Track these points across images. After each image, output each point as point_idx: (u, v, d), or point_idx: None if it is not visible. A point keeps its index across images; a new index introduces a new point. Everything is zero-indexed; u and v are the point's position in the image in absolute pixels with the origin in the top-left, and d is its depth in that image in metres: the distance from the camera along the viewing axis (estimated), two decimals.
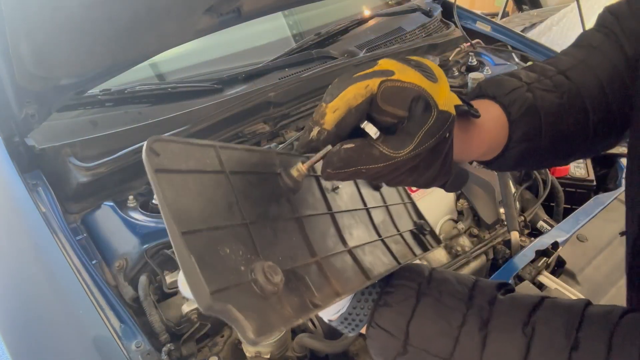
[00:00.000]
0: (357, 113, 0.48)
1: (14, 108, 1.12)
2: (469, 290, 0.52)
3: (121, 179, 1.20)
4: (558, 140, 0.64)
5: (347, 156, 0.48)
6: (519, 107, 0.61)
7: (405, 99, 0.48)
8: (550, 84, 0.64)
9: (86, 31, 1.07)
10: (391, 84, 0.48)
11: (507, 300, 0.51)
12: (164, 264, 1.06)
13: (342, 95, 0.48)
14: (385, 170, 0.49)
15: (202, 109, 1.33)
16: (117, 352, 0.84)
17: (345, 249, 0.57)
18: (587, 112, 0.64)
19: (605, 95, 0.64)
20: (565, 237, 1.07)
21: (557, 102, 0.63)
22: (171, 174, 0.43)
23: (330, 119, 0.48)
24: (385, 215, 0.70)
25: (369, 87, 0.48)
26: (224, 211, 0.45)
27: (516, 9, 3.44)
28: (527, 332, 0.47)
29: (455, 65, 1.77)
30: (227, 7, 1.26)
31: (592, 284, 0.99)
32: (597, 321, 0.47)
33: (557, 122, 0.63)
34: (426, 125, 0.48)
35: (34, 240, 1.05)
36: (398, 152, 0.48)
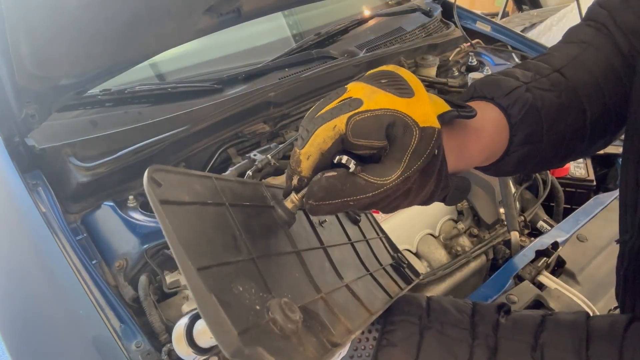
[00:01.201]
0: (330, 155, 0.46)
1: (14, 108, 1.12)
2: (469, 317, 0.50)
3: (121, 179, 1.20)
4: (557, 141, 0.62)
5: (329, 185, 0.46)
6: (520, 109, 0.58)
7: (380, 128, 0.45)
8: (548, 82, 0.62)
9: (86, 31, 1.07)
10: (360, 116, 0.45)
11: (510, 324, 0.49)
12: (164, 264, 1.06)
13: (311, 140, 0.46)
14: (376, 199, 0.46)
15: (202, 109, 1.33)
16: (117, 352, 0.84)
17: (342, 284, 0.54)
18: (584, 111, 0.62)
19: (601, 92, 0.62)
20: (565, 237, 1.07)
21: (557, 101, 0.61)
22: (174, 206, 0.40)
23: (306, 166, 0.47)
24: (367, 250, 0.67)
25: (337, 128, 0.45)
26: (230, 245, 0.43)
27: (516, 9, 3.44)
28: (537, 357, 0.46)
29: (455, 65, 1.77)
30: (227, 7, 1.26)
31: (592, 284, 0.99)
32: (604, 336, 0.46)
33: (557, 122, 0.61)
34: (410, 147, 0.45)
35: (34, 240, 1.05)
36: (385, 180, 0.45)
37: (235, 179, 0.52)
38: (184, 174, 0.45)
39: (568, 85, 0.62)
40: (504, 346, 0.48)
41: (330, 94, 0.48)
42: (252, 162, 1.21)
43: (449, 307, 0.51)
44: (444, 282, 1.08)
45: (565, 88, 0.62)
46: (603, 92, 0.63)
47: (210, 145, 1.32)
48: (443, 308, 0.51)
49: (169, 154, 1.26)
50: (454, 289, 1.10)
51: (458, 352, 0.48)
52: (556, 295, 0.96)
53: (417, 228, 1.15)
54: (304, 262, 0.51)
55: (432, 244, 1.14)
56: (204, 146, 1.31)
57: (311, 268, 0.51)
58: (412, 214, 1.12)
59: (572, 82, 0.62)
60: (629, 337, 0.45)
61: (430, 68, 1.66)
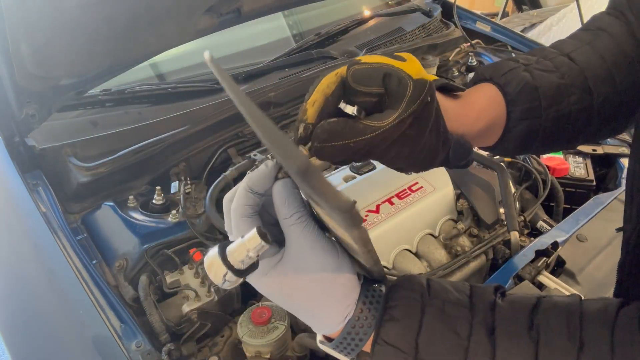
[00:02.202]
0: (333, 99, 0.51)
1: (14, 108, 1.12)
2: (468, 297, 0.51)
3: (121, 179, 1.21)
4: (560, 121, 0.64)
5: (331, 128, 0.50)
6: (515, 86, 0.62)
7: (377, 76, 0.51)
8: (550, 64, 0.65)
9: (86, 31, 1.07)
10: (359, 66, 0.51)
11: (507, 305, 0.50)
12: (164, 264, 1.06)
13: (317, 88, 0.51)
14: (374, 141, 0.50)
15: (202, 109, 1.33)
16: (117, 352, 0.84)
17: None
18: (590, 92, 0.64)
19: (611, 76, 0.64)
20: (565, 237, 1.07)
21: (557, 81, 0.63)
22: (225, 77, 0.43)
23: (311, 112, 0.51)
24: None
25: (339, 73, 0.51)
26: None
27: (516, 9, 3.44)
28: (533, 336, 0.47)
29: (455, 65, 1.77)
30: (227, 7, 1.26)
31: (592, 284, 0.99)
32: (597, 319, 0.47)
33: (557, 100, 0.63)
34: (406, 95, 0.50)
35: (34, 240, 1.05)
36: (382, 122, 0.50)
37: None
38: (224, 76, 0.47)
39: (573, 67, 0.64)
40: (502, 325, 0.49)
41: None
42: (252, 162, 1.21)
43: (449, 287, 0.53)
44: None
45: (570, 69, 0.64)
46: (613, 75, 0.64)
47: (211, 145, 1.32)
48: (443, 287, 0.52)
49: (169, 154, 1.26)
50: None
51: (458, 329, 0.49)
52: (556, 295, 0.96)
53: (417, 228, 1.15)
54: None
55: (432, 244, 1.14)
56: (204, 146, 1.31)
57: None
58: (412, 214, 1.12)
59: (580, 65, 0.65)
60: (620, 321, 0.46)
61: (430, 68, 1.66)
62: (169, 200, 1.19)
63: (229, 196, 0.51)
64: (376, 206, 1.11)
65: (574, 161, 1.40)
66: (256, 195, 0.49)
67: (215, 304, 0.99)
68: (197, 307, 0.97)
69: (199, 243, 1.09)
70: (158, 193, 1.17)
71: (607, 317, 0.47)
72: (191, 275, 1.03)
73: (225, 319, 1.03)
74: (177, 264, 1.05)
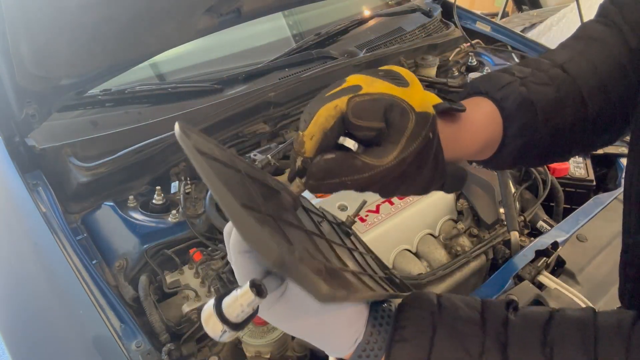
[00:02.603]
0: (332, 134, 0.48)
1: (14, 108, 1.12)
2: (479, 313, 0.50)
3: (121, 179, 1.21)
4: (556, 134, 0.63)
5: (328, 167, 0.48)
6: (512, 102, 0.60)
7: (378, 110, 0.48)
8: (546, 77, 0.63)
9: (86, 31, 1.07)
10: (359, 98, 0.48)
11: (519, 320, 0.49)
12: (164, 264, 1.06)
13: (314, 120, 0.48)
14: (373, 180, 0.48)
15: (202, 109, 1.33)
16: (117, 352, 0.84)
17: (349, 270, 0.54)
18: (585, 104, 0.63)
19: (605, 86, 0.63)
20: (565, 237, 1.07)
21: (553, 95, 0.62)
22: (204, 157, 0.42)
23: (309, 146, 0.48)
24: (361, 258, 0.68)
25: (338, 107, 0.48)
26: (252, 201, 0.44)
27: (516, 9, 3.44)
28: (547, 352, 0.46)
29: (455, 66, 1.77)
30: (227, 7, 1.26)
31: (592, 284, 0.99)
32: (612, 333, 0.46)
33: (553, 115, 0.62)
34: (407, 130, 0.48)
35: (34, 240, 1.05)
36: (381, 161, 0.48)
37: (246, 161, 0.54)
38: (205, 139, 0.46)
39: (567, 79, 0.63)
40: (514, 341, 0.48)
41: (330, 85, 0.51)
42: (252, 162, 1.21)
43: (459, 303, 0.51)
44: (444, 282, 1.08)
45: (564, 82, 0.63)
46: (606, 86, 0.63)
47: None
48: (453, 304, 0.51)
49: (169, 154, 1.26)
50: (454, 289, 1.10)
51: (470, 347, 0.48)
52: (556, 295, 0.96)
53: (417, 228, 1.15)
54: (313, 241, 0.52)
55: (432, 244, 1.14)
56: None
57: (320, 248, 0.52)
58: (412, 214, 1.12)
59: (573, 76, 0.63)
60: (635, 335, 0.46)
61: (430, 68, 1.66)
62: (169, 200, 1.19)
63: (227, 229, 0.50)
64: (376, 206, 1.11)
65: (574, 161, 1.40)
66: None
67: None
68: (197, 307, 0.97)
69: (199, 243, 1.09)
70: (158, 193, 1.17)
71: (621, 331, 0.46)
72: (191, 275, 1.03)
73: None
74: (177, 264, 1.05)
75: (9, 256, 1.08)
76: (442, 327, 0.49)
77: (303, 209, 0.60)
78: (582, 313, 0.49)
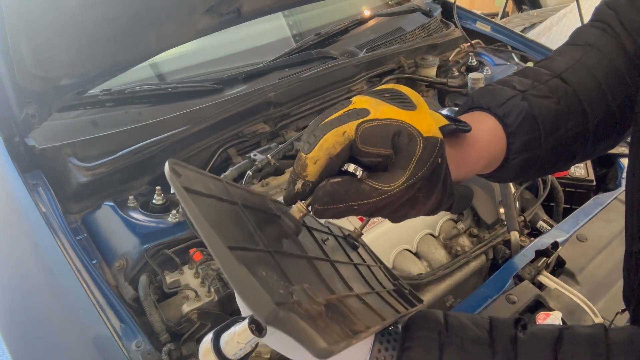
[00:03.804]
0: (338, 161, 0.47)
1: (15, 108, 1.12)
2: (488, 332, 0.49)
3: (121, 179, 1.21)
4: (558, 147, 0.62)
5: (334, 191, 0.47)
6: (515, 118, 0.60)
7: (386, 137, 0.47)
8: (546, 89, 0.62)
9: (86, 31, 1.07)
10: (368, 124, 0.47)
11: (528, 339, 0.48)
12: (164, 264, 1.06)
13: (320, 144, 0.47)
14: (380, 204, 0.48)
15: (202, 109, 1.33)
16: (117, 352, 0.84)
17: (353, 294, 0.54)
18: (586, 115, 0.63)
19: (604, 95, 0.63)
20: (565, 237, 1.07)
21: (555, 107, 0.61)
22: (194, 195, 0.41)
23: (312, 170, 0.47)
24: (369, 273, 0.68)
25: (347, 134, 0.46)
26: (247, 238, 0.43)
27: (516, 9, 3.44)
28: None
29: (455, 65, 1.77)
30: (227, 7, 1.26)
31: (592, 284, 0.99)
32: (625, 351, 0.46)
33: (555, 128, 0.61)
34: (415, 156, 0.47)
35: (34, 240, 1.05)
36: (390, 186, 0.47)
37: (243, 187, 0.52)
38: (198, 172, 0.46)
39: (568, 90, 0.63)
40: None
41: (335, 105, 0.50)
42: (252, 162, 1.21)
43: (467, 322, 0.50)
44: (444, 282, 1.08)
45: (565, 93, 0.62)
46: (606, 94, 0.63)
47: (211, 145, 1.32)
48: (461, 323, 0.50)
49: (169, 154, 1.26)
50: (454, 289, 1.10)
51: None
52: (556, 295, 0.96)
53: (417, 228, 1.15)
54: (315, 267, 0.50)
55: (432, 244, 1.14)
56: (204, 146, 1.31)
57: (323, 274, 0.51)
58: None
59: (573, 87, 0.63)
60: None
61: (430, 68, 1.66)
62: (169, 200, 1.19)
63: None
64: None
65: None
66: None
67: (215, 304, 0.99)
68: (197, 307, 0.97)
69: (199, 243, 1.09)
70: (158, 193, 1.17)
71: (634, 348, 0.46)
72: (191, 275, 1.03)
73: (225, 319, 1.03)
74: (177, 264, 1.05)
75: (9, 256, 1.08)
76: (449, 347, 0.48)
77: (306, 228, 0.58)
78: (593, 330, 0.49)
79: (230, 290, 1.00)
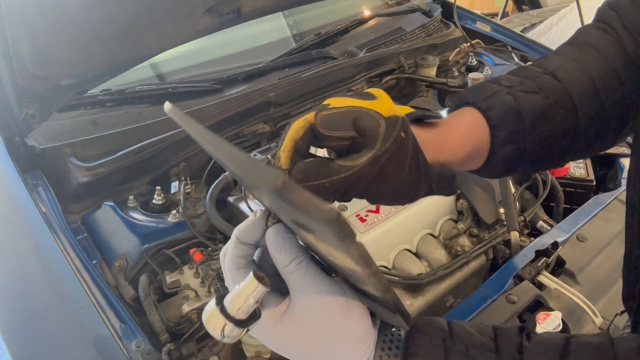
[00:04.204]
0: (303, 143, 0.51)
1: (15, 108, 1.12)
2: (492, 340, 0.49)
3: (121, 179, 1.21)
4: (546, 142, 0.63)
5: (306, 168, 0.50)
6: (497, 111, 0.61)
7: (346, 120, 0.50)
8: (534, 85, 0.63)
9: (86, 31, 1.07)
10: (327, 112, 0.51)
11: (535, 346, 0.48)
12: (164, 264, 1.06)
13: (286, 135, 0.51)
14: (350, 180, 0.49)
15: (202, 109, 1.34)
16: (117, 352, 0.84)
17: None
18: (576, 110, 0.63)
19: (597, 93, 0.63)
20: (565, 237, 1.07)
21: (541, 102, 0.62)
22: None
23: (284, 158, 0.51)
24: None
25: (307, 119, 0.51)
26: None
27: (516, 9, 3.44)
28: None
29: (455, 66, 1.77)
30: (227, 7, 1.26)
31: (592, 284, 0.99)
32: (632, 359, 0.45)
33: (542, 122, 0.62)
34: (379, 134, 0.50)
35: (34, 240, 1.05)
36: (356, 162, 0.49)
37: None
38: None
39: (557, 86, 0.63)
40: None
41: None
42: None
43: (471, 330, 0.50)
44: (444, 282, 1.08)
45: (554, 89, 0.63)
46: (599, 92, 0.63)
47: None
48: (465, 330, 0.50)
49: (169, 154, 1.26)
50: (454, 289, 1.10)
51: None
52: (556, 295, 0.96)
53: (417, 228, 1.15)
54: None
55: (432, 244, 1.14)
56: None
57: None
58: (412, 214, 1.12)
59: (564, 83, 0.64)
60: None
61: (430, 68, 1.66)
62: (169, 200, 1.19)
63: (223, 250, 0.51)
64: (376, 206, 1.11)
65: (574, 161, 1.40)
66: (247, 246, 0.49)
67: None
68: (197, 307, 0.97)
69: (199, 243, 1.09)
70: (158, 193, 1.17)
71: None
72: (191, 275, 1.03)
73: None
74: (177, 264, 1.05)
75: (9, 256, 1.08)
76: (455, 354, 0.47)
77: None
78: (600, 339, 0.48)
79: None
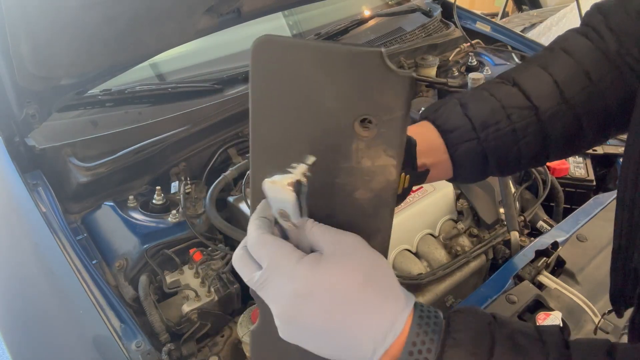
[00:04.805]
0: None
1: (15, 108, 1.12)
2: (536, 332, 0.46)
3: (121, 179, 1.21)
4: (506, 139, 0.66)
5: None
6: (445, 118, 0.67)
7: None
8: (486, 93, 0.68)
9: (86, 31, 1.07)
10: None
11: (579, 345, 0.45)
12: (164, 264, 1.06)
13: None
14: None
15: (202, 109, 1.34)
16: (117, 352, 0.84)
17: None
18: (534, 108, 0.66)
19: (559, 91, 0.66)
20: (565, 237, 1.07)
21: (490, 105, 0.66)
22: None
23: None
24: None
25: None
26: None
27: (516, 9, 3.44)
28: None
29: (455, 66, 1.77)
30: (227, 7, 1.26)
31: (591, 284, 0.99)
32: None
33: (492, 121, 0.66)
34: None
35: (34, 240, 1.05)
36: None
37: None
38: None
39: (511, 90, 0.67)
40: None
41: None
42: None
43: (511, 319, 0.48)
44: (443, 282, 1.08)
45: (508, 93, 0.67)
46: (562, 91, 0.66)
47: (211, 145, 1.32)
48: (508, 319, 0.48)
49: (169, 154, 1.26)
50: (454, 289, 1.10)
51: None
52: (556, 295, 0.96)
53: (417, 228, 1.15)
54: None
55: (431, 244, 1.14)
56: (204, 146, 1.31)
57: None
58: (412, 214, 1.12)
59: (521, 86, 0.67)
60: None
61: (430, 68, 1.66)
62: (169, 200, 1.19)
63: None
64: None
65: (574, 161, 1.40)
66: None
67: (215, 304, 0.99)
68: (197, 307, 0.97)
69: (199, 243, 1.09)
70: (158, 193, 1.17)
71: None
72: (191, 275, 1.03)
73: (225, 319, 1.03)
74: (177, 264, 1.05)
75: (9, 256, 1.08)
76: (501, 337, 0.44)
77: None
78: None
79: (230, 290, 1.00)
